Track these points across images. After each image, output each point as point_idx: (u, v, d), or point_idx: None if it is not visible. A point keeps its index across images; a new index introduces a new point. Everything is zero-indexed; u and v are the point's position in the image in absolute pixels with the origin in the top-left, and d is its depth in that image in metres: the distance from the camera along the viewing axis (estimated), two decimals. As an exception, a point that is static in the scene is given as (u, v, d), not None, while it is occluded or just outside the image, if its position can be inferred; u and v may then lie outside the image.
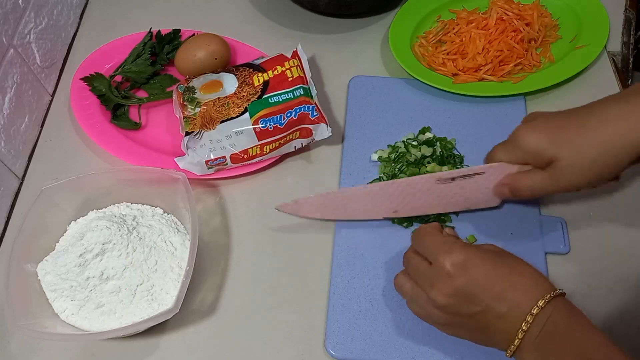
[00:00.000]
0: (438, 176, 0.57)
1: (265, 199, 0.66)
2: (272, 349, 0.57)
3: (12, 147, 0.67)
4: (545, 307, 0.46)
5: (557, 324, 0.46)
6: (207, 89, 0.67)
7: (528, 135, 0.53)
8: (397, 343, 0.56)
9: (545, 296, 0.47)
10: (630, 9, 0.83)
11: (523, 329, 0.46)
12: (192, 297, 0.60)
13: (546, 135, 0.52)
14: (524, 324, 0.46)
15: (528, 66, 0.74)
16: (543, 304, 0.46)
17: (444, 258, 0.49)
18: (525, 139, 0.53)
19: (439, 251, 0.50)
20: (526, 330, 0.46)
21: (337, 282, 0.60)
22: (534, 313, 0.46)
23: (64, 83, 0.77)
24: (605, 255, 0.61)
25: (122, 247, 0.56)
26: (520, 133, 0.54)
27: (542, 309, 0.46)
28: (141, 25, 0.78)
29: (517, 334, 0.46)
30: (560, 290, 0.48)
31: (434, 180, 0.57)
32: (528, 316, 0.46)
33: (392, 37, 0.77)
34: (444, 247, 0.50)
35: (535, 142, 0.52)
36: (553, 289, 0.48)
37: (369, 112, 0.72)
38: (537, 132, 0.53)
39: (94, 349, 0.57)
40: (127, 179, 0.63)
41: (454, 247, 0.50)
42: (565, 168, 0.51)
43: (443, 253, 0.49)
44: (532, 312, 0.46)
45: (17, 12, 0.67)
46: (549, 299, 0.46)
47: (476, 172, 0.56)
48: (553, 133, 0.52)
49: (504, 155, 0.55)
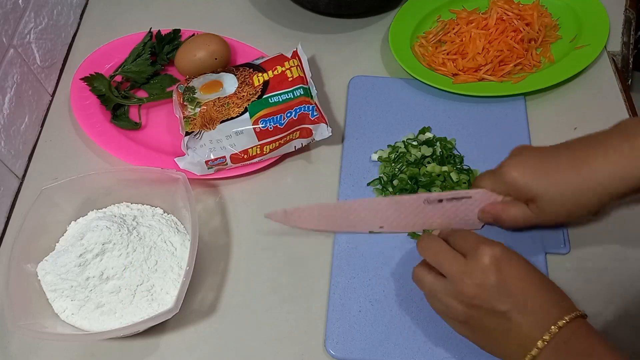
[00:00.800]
0: (426, 197, 0.58)
1: (265, 199, 0.66)
2: (272, 349, 0.57)
3: (12, 147, 0.67)
4: (569, 323, 0.46)
5: (579, 341, 0.46)
6: (207, 89, 0.67)
7: (513, 171, 0.55)
8: (397, 343, 0.56)
9: (571, 313, 0.47)
10: (630, 9, 0.83)
11: (545, 339, 0.46)
12: (192, 297, 0.60)
13: (530, 173, 0.54)
14: (546, 335, 0.46)
15: (528, 66, 0.74)
16: (569, 318, 0.46)
17: (486, 250, 0.49)
18: (511, 174, 0.55)
19: (480, 242, 0.50)
20: (548, 340, 0.46)
21: (337, 282, 0.60)
22: (559, 325, 0.46)
23: (64, 83, 0.77)
24: (605, 255, 0.61)
25: (122, 247, 0.56)
26: (506, 168, 0.56)
27: (567, 323, 0.46)
28: (141, 25, 0.78)
29: (537, 343, 0.46)
30: (584, 312, 0.48)
31: (422, 201, 0.59)
32: (553, 327, 0.46)
33: (392, 37, 0.77)
34: (485, 240, 0.51)
35: (519, 178, 0.54)
36: (577, 309, 0.48)
37: (369, 112, 0.72)
38: (521, 168, 0.55)
39: (94, 349, 0.57)
40: (127, 179, 0.63)
41: (495, 243, 0.51)
42: (546, 206, 0.54)
43: (485, 245, 0.50)
44: (558, 324, 0.46)
45: (17, 12, 0.67)
46: (574, 316, 0.47)
47: (463, 196, 0.58)
48: (537, 171, 0.54)
49: (489, 184, 0.57)
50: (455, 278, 0.50)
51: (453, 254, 0.51)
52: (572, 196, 0.52)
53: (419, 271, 0.54)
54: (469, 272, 0.49)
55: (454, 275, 0.50)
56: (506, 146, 0.68)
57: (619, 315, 0.58)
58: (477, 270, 0.49)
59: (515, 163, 0.55)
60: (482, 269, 0.49)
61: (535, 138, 0.69)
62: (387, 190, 0.65)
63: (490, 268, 0.49)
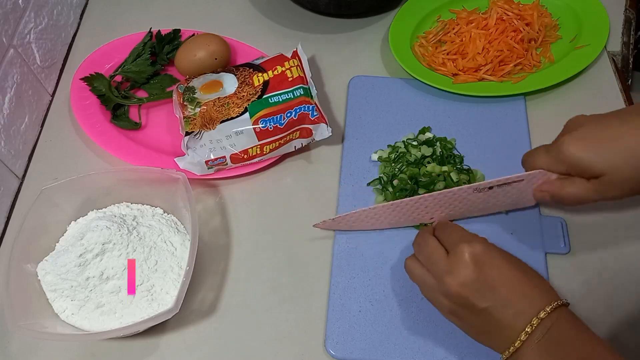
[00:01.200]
0: (476, 186, 0.57)
1: (265, 199, 0.66)
2: (272, 349, 0.57)
3: (12, 147, 0.67)
4: (551, 313, 0.46)
5: (561, 330, 0.46)
6: (207, 89, 0.67)
7: (574, 148, 0.51)
8: (397, 343, 0.56)
9: (553, 303, 0.47)
10: (630, 9, 0.83)
11: (527, 331, 0.46)
12: (192, 297, 0.60)
13: (593, 148, 0.50)
14: (528, 327, 0.46)
15: (528, 66, 0.74)
16: (550, 309, 0.46)
17: (464, 247, 0.49)
18: (572, 152, 0.51)
19: (461, 240, 0.50)
20: (530, 332, 0.46)
21: (337, 282, 0.60)
22: (540, 317, 0.46)
23: (64, 83, 0.77)
24: (605, 255, 0.61)
25: (122, 247, 0.56)
26: (565, 145, 0.51)
27: (548, 314, 0.46)
28: (141, 25, 0.78)
29: (520, 335, 0.46)
30: (565, 300, 0.48)
31: (472, 191, 0.58)
32: (534, 319, 0.46)
33: (392, 37, 0.77)
34: (467, 237, 0.51)
35: (582, 156, 0.50)
36: (559, 298, 0.48)
37: (369, 112, 0.72)
38: (583, 145, 0.51)
39: (94, 349, 0.57)
40: (127, 179, 0.63)
41: (476, 239, 0.51)
42: (613, 182, 0.50)
43: (465, 242, 0.50)
44: (538, 316, 0.46)
45: (17, 12, 0.67)
46: (556, 305, 0.47)
47: (515, 180, 0.56)
48: (600, 146, 0.50)
49: (545, 164, 0.54)
50: (439, 276, 0.50)
51: (438, 252, 0.52)
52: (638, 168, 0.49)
53: (410, 263, 0.54)
54: (450, 270, 0.49)
55: (438, 273, 0.51)
56: (506, 146, 0.69)
57: (619, 315, 0.58)
58: (458, 268, 0.49)
59: (573, 138, 0.51)
60: (462, 267, 0.49)
61: (535, 138, 0.69)
62: (387, 190, 0.64)
63: (470, 265, 0.49)
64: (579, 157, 0.50)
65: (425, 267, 0.53)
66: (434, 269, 0.51)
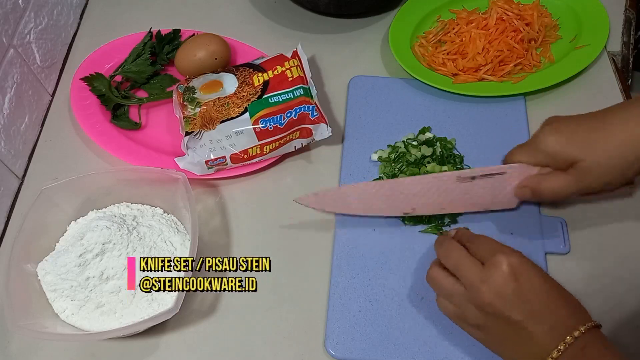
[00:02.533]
0: (458, 174, 0.57)
1: (265, 199, 0.66)
2: (272, 349, 0.57)
3: (12, 147, 0.67)
4: (585, 333, 0.46)
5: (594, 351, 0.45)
6: (207, 89, 0.67)
7: (549, 137, 0.53)
8: (397, 343, 0.56)
9: (587, 323, 0.46)
10: (630, 9, 0.83)
11: (560, 349, 0.45)
12: (192, 297, 0.60)
13: (567, 136, 0.52)
14: (562, 344, 0.45)
15: (528, 66, 0.74)
16: (585, 329, 0.46)
17: (502, 258, 0.48)
18: (546, 141, 0.53)
19: (497, 250, 0.49)
20: (563, 350, 0.45)
21: (337, 282, 0.60)
22: (575, 335, 0.45)
23: (64, 83, 0.77)
24: (605, 255, 0.61)
25: (122, 247, 0.56)
26: (541, 135, 0.54)
27: (582, 334, 0.46)
28: (141, 25, 0.78)
29: (552, 353, 0.45)
30: (598, 322, 0.48)
31: (455, 179, 0.57)
32: (568, 337, 0.45)
33: (392, 37, 0.77)
34: (503, 248, 0.50)
35: (556, 144, 0.52)
36: (592, 319, 0.48)
37: (369, 112, 0.72)
38: (557, 134, 0.53)
39: (94, 349, 0.57)
40: (127, 179, 0.63)
41: (513, 251, 0.50)
42: (587, 169, 0.51)
43: (503, 253, 0.49)
44: (573, 334, 0.45)
45: (17, 12, 0.67)
46: (590, 326, 0.46)
47: (496, 171, 0.56)
48: (574, 134, 0.52)
49: (523, 157, 0.55)
50: (473, 284, 0.49)
51: (472, 260, 0.50)
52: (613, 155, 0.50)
53: (436, 273, 0.53)
54: (486, 280, 0.48)
55: (472, 282, 0.49)
56: (506, 146, 0.68)
57: (619, 315, 0.58)
58: (495, 278, 0.48)
59: (548, 130, 0.54)
60: (499, 277, 0.48)
61: (535, 138, 0.69)
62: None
63: (507, 276, 0.48)
64: (553, 145, 0.53)
65: (453, 275, 0.51)
66: (468, 278, 0.50)
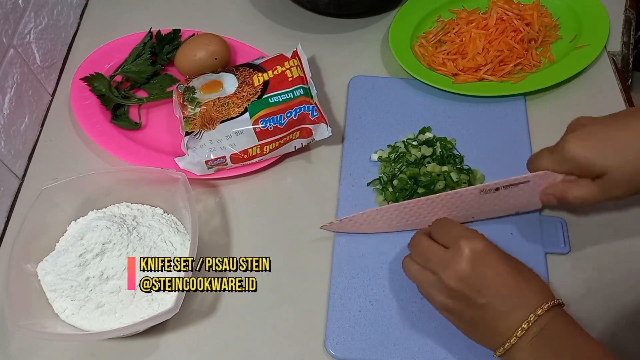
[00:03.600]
0: (482, 187, 0.57)
1: (265, 199, 0.66)
2: (272, 349, 0.57)
3: (12, 147, 0.67)
4: (547, 311, 0.47)
5: (557, 328, 0.47)
6: (207, 89, 0.67)
7: (577, 146, 0.51)
8: (397, 343, 0.56)
9: (549, 301, 0.47)
10: (630, 9, 0.83)
11: (523, 327, 0.47)
12: (192, 297, 0.60)
13: (595, 147, 0.51)
14: (524, 323, 0.47)
15: (528, 66, 0.74)
16: (547, 307, 0.47)
17: (466, 243, 0.49)
18: (574, 151, 0.51)
19: (461, 235, 0.50)
20: (526, 329, 0.46)
21: (337, 282, 0.60)
22: (537, 314, 0.47)
23: (64, 83, 0.77)
24: (605, 255, 0.61)
25: (122, 247, 0.56)
26: (568, 144, 0.52)
27: (545, 312, 0.47)
28: (141, 25, 0.78)
29: (516, 332, 0.47)
30: (561, 300, 0.49)
31: (478, 192, 0.58)
32: (531, 315, 0.47)
33: (392, 37, 0.77)
34: (467, 233, 0.51)
35: (585, 154, 0.51)
36: (555, 297, 0.49)
37: (369, 112, 0.72)
38: (586, 143, 0.51)
39: (94, 349, 0.57)
40: (127, 179, 0.63)
41: (476, 235, 0.51)
42: (616, 180, 0.50)
43: (465, 238, 0.50)
44: (535, 313, 0.47)
45: (17, 12, 0.67)
46: (552, 304, 0.47)
47: (521, 181, 0.56)
48: (602, 144, 0.51)
49: (549, 164, 0.54)
50: (437, 270, 0.50)
51: (434, 247, 0.52)
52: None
53: (407, 262, 0.54)
54: (449, 265, 0.49)
55: (436, 268, 0.50)
56: (506, 146, 0.69)
57: (618, 315, 0.58)
58: (457, 263, 0.49)
59: (575, 137, 0.52)
60: (461, 261, 0.49)
61: (535, 138, 0.69)
62: (387, 190, 0.64)
63: (469, 260, 0.49)
64: (582, 155, 0.51)
65: (421, 264, 0.53)
66: (432, 265, 0.51)
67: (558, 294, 0.58)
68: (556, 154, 0.53)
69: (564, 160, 0.53)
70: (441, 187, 0.63)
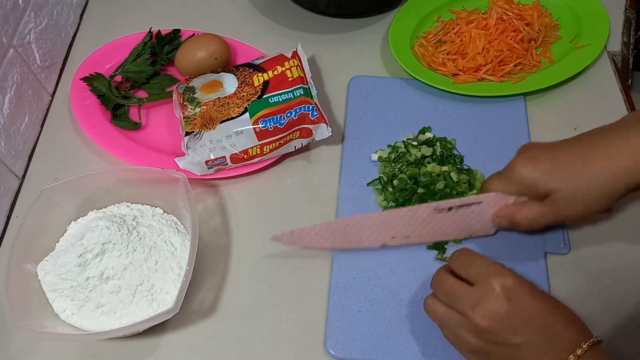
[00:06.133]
0: (435, 205, 0.57)
1: (265, 199, 0.66)
2: (272, 349, 0.57)
3: (12, 147, 0.67)
4: (587, 350, 0.45)
5: None
6: (207, 89, 0.67)
7: (524, 167, 0.53)
8: (397, 343, 0.56)
9: (588, 340, 0.45)
10: (630, 9, 0.83)
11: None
12: (192, 297, 0.60)
13: (542, 167, 0.52)
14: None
15: (528, 66, 0.74)
16: (587, 346, 0.45)
17: (495, 280, 0.47)
18: (521, 171, 0.53)
19: (488, 272, 0.48)
20: None
21: (337, 282, 0.60)
22: (577, 354, 0.45)
23: (64, 83, 0.77)
24: (605, 255, 0.61)
25: (122, 247, 0.56)
26: (516, 166, 0.54)
27: (585, 351, 0.45)
28: (141, 25, 0.78)
29: None
30: (599, 338, 0.47)
31: (432, 210, 0.57)
32: (571, 356, 0.44)
33: (392, 37, 0.77)
34: (494, 268, 0.48)
35: (531, 174, 0.53)
36: (592, 335, 0.47)
37: (369, 112, 0.72)
38: (532, 164, 0.53)
39: (94, 349, 0.57)
40: (127, 179, 0.63)
41: (505, 271, 0.48)
42: (563, 199, 0.51)
43: (494, 275, 0.47)
44: (575, 353, 0.45)
45: (17, 12, 0.67)
46: (591, 343, 0.45)
47: (473, 202, 0.57)
48: (549, 165, 0.52)
49: (499, 186, 0.55)
50: (466, 311, 0.47)
51: (461, 286, 0.49)
52: (588, 187, 0.50)
53: (431, 302, 0.52)
54: (479, 304, 0.47)
55: (465, 309, 0.48)
56: (506, 146, 0.69)
57: (619, 316, 0.58)
58: (488, 301, 0.47)
59: (523, 160, 0.54)
60: (493, 300, 0.46)
61: (535, 138, 0.69)
62: (386, 190, 0.64)
63: (501, 298, 0.46)
64: (528, 175, 0.53)
65: (447, 304, 0.50)
66: (459, 305, 0.48)
67: (558, 294, 0.58)
68: (506, 176, 0.55)
69: (512, 182, 0.54)
70: (441, 187, 0.63)
